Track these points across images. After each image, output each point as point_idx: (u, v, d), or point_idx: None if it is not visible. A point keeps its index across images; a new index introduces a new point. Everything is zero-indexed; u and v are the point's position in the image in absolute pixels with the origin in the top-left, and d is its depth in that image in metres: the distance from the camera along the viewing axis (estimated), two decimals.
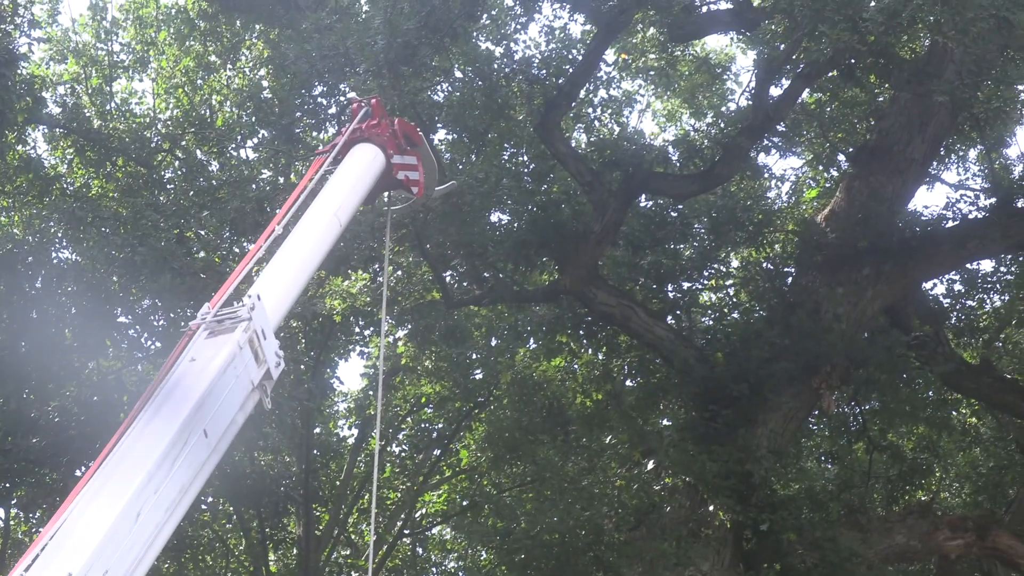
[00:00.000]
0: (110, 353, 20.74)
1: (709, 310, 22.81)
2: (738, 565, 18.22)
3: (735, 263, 23.37)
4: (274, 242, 9.27)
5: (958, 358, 20.95)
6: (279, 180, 21.46)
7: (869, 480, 21.96)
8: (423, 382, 25.73)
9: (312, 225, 9.59)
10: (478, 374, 24.46)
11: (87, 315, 19.26)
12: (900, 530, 19.21)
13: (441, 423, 26.75)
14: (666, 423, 21.41)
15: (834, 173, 23.38)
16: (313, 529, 24.93)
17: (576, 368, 23.76)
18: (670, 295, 21.28)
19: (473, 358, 24.17)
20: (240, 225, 20.24)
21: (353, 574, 27.01)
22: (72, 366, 19.67)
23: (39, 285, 19.54)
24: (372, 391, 25.48)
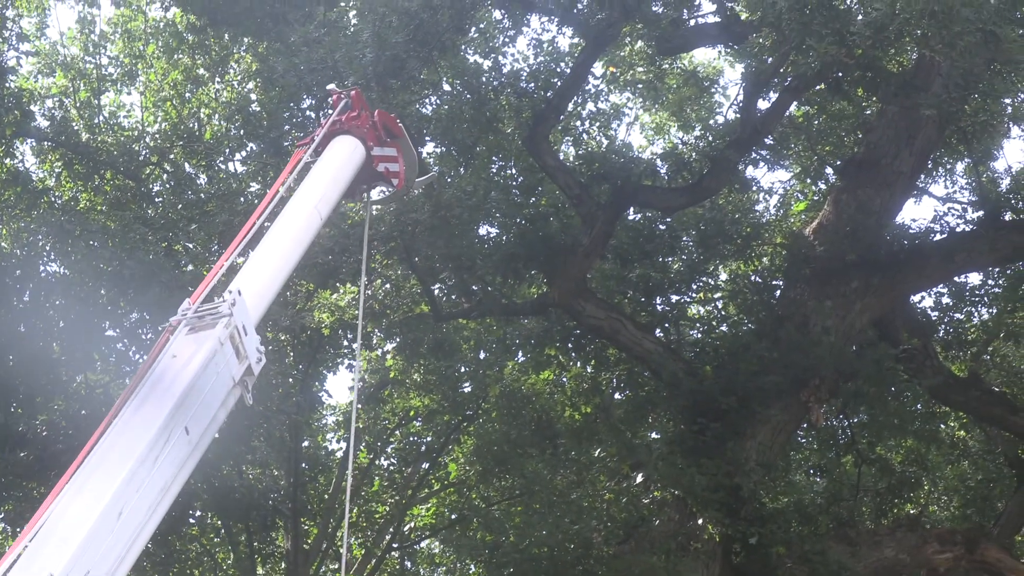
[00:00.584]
0: (98, 367, 20.67)
1: (697, 323, 22.81)
2: None
3: (723, 276, 23.38)
4: (255, 237, 9.14)
5: (946, 371, 20.97)
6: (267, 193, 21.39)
7: (858, 493, 21.94)
8: (411, 395, 25.68)
9: (293, 219, 9.46)
10: (466, 387, 24.45)
11: (75, 328, 19.21)
12: (889, 543, 19.20)
13: (429, 436, 26.70)
14: (655, 436, 21.37)
15: (822, 186, 23.43)
16: (301, 543, 24.84)
17: (565, 381, 23.74)
18: (659, 308, 21.31)
19: (461, 371, 24.16)
20: (228, 238, 20.15)
21: None
22: (60, 379, 19.59)
23: (27, 298, 19.49)
24: (360, 404, 25.40)
